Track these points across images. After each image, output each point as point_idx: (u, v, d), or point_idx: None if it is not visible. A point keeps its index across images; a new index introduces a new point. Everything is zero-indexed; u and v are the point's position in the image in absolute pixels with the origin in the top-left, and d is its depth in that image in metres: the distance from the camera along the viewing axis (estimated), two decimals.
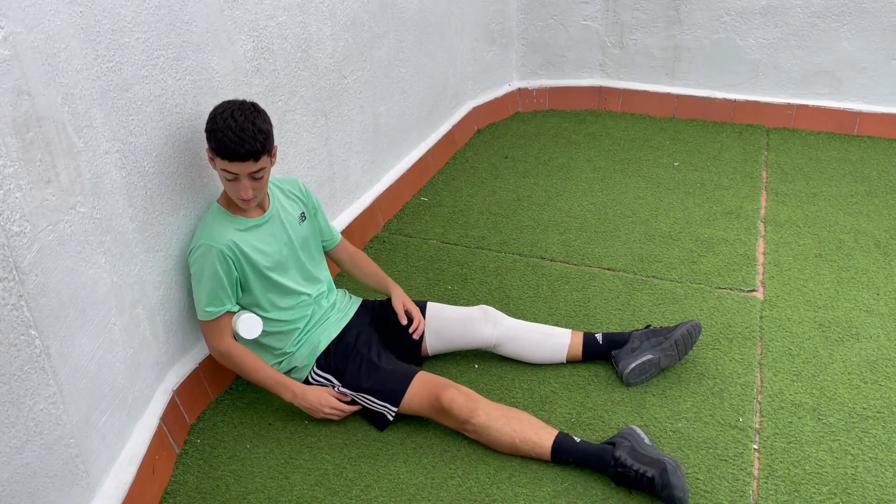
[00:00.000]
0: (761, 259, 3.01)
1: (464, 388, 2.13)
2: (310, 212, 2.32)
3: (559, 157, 3.98)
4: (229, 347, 2.14)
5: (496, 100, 4.49)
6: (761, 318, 2.65)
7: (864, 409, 2.24)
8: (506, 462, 2.07)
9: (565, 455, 2.03)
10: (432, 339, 2.40)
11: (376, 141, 3.28)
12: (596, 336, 2.42)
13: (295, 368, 2.26)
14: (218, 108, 1.98)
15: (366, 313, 2.42)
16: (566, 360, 2.42)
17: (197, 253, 2.06)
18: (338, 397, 2.20)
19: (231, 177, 1.99)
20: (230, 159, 1.94)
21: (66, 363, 1.64)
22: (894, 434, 2.15)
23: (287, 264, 2.20)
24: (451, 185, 3.71)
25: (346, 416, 2.21)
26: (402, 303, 2.40)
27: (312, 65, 2.70)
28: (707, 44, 4.26)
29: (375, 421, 2.20)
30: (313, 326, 2.27)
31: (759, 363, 2.44)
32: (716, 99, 4.36)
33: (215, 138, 1.94)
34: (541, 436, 2.04)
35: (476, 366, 2.45)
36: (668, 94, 4.44)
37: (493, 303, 2.75)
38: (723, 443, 2.12)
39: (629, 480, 1.94)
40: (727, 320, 2.63)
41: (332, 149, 2.93)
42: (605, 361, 2.43)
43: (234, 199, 2.06)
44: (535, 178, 3.75)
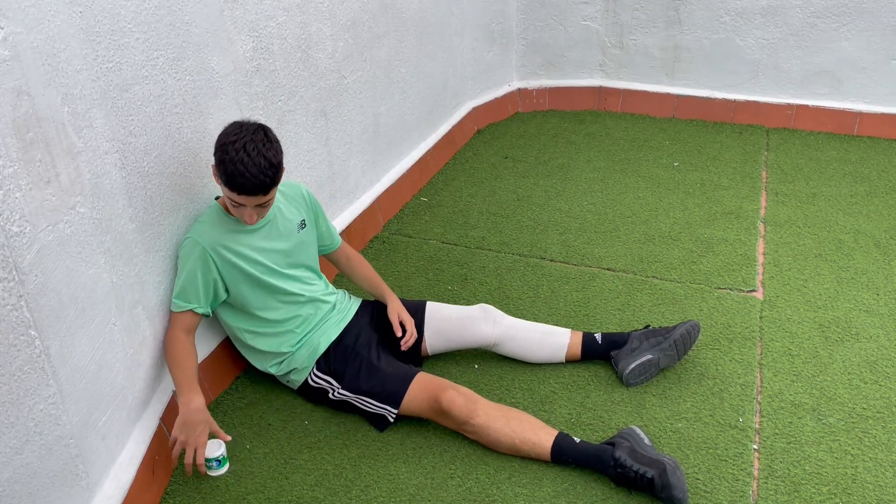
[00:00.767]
0: (761, 259, 3.01)
1: (463, 389, 2.13)
2: (310, 218, 2.31)
3: (559, 157, 3.98)
4: (171, 339, 2.06)
5: (496, 100, 4.49)
6: (761, 318, 2.65)
7: (864, 409, 2.24)
8: (506, 462, 2.07)
9: (565, 455, 2.03)
10: (432, 338, 2.40)
11: (376, 141, 3.28)
12: (595, 336, 2.42)
13: (294, 370, 2.26)
14: (230, 136, 1.91)
15: (365, 314, 2.42)
16: (565, 359, 2.42)
17: (185, 245, 2.07)
18: (199, 462, 1.89)
19: (236, 204, 1.98)
20: (238, 192, 1.92)
21: (65, 363, 1.64)
22: (894, 434, 2.15)
23: (281, 267, 2.20)
24: (451, 185, 3.71)
25: (186, 463, 1.91)
26: (397, 313, 2.39)
27: (312, 65, 2.70)
28: (707, 44, 4.25)
29: (375, 422, 2.20)
30: (313, 328, 2.27)
31: (759, 363, 2.44)
32: (716, 99, 4.36)
33: (225, 170, 1.90)
34: (541, 436, 2.04)
35: (476, 366, 2.45)
36: (668, 95, 4.44)
37: (493, 303, 2.75)
38: (723, 443, 2.12)
39: (629, 481, 1.94)
40: (727, 320, 2.63)
41: (332, 149, 2.93)
42: (604, 361, 2.43)
43: (237, 219, 2.06)
44: (535, 178, 3.75)
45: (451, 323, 2.40)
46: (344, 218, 3.06)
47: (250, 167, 1.88)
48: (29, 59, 1.51)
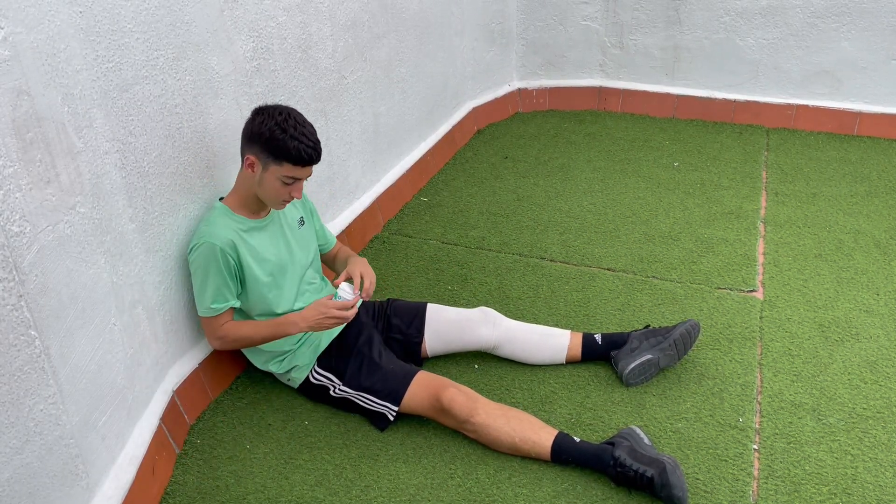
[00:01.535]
0: (761, 259, 3.01)
1: (464, 388, 2.13)
2: (307, 217, 2.34)
3: (559, 157, 3.98)
4: (226, 330, 2.15)
5: (496, 100, 4.49)
6: (761, 318, 2.65)
7: (864, 409, 2.24)
8: (506, 462, 2.07)
9: (565, 455, 2.03)
10: (432, 340, 2.40)
11: (376, 141, 3.29)
12: (595, 337, 2.42)
13: (296, 367, 2.26)
14: (274, 118, 1.97)
15: (366, 313, 2.42)
16: (565, 360, 2.42)
17: (199, 250, 2.06)
18: (333, 305, 2.11)
19: (291, 181, 2.02)
20: (303, 165, 1.99)
21: (65, 363, 1.64)
22: (894, 434, 2.15)
23: (286, 267, 2.21)
24: (451, 185, 3.71)
25: (351, 317, 2.13)
26: (359, 271, 2.29)
27: (312, 65, 2.70)
28: (707, 44, 4.26)
29: (376, 421, 2.20)
30: None
31: (759, 363, 2.44)
32: (716, 99, 4.36)
33: (285, 147, 1.95)
34: (541, 435, 2.04)
35: (476, 366, 2.45)
36: (668, 95, 4.44)
37: (493, 303, 2.75)
38: (723, 443, 2.12)
39: (629, 480, 1.94)
40: (727, 320, 2.63)
41: (332, 149, 2.93)
42: (604, 362, 2.43)
43: (277, 202, 2.08)
44: (535, 178, 3.75)
45: (450, 325, 2.40)
46: (344, 218, 3.06)
47: (310, 136, 1.99)
48: (29, 59, 1.51)
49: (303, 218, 2.30)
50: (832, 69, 4.10)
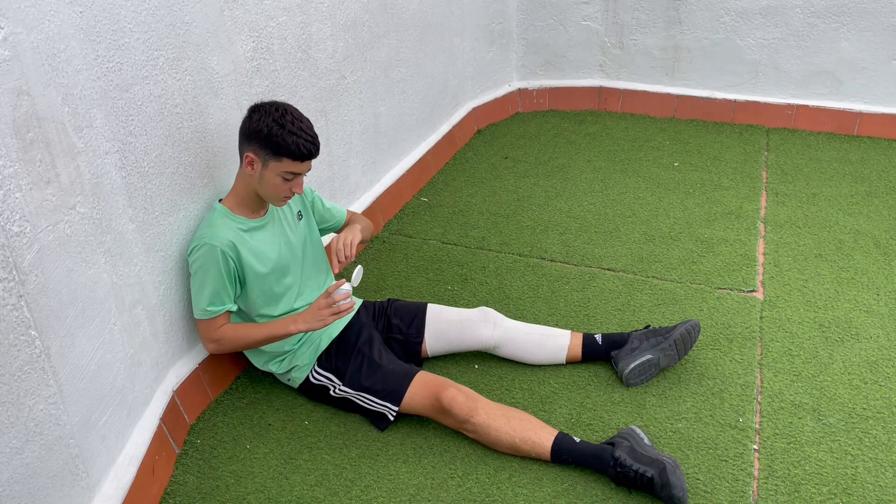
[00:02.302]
0: (761, 259, 3.01)
1: (464, 388, 2.13)
2: (306, 209, 2.32)
3: (559, 157, 3.98)
4: (222, 333, 2.14)
5: (496, 100, 4.49)
6: (761, 318, 2.65)
7: (864, 409, 2.24)
8: (506, 462, 2.07)
9: (565, 455, 2.03)
10: (432, 340, 2.40)
11: (376, 141, 3.29)
12: (595, 337, 2.42)
13: (296, 367, 2.26)
14: (271, 115, 1.97)
15: (367, 313, 2.42)
16: (566, 361, 2.42)
17: (199, 252, 2.06)
18: (330, 300, 2.07)
19: (291, 177, 2.03)
20: (303, 159, 2.00)
21: (66, 363, 1.64)
22: (894, 434, 2.15)
23: (287, 265, 2.21)
24: (451, 185, 3.71)
25: (348, 307, 2.09)
26: (335, 246, 2.20)
27: (312, 65, 2.70)
28: (707, 44, 4.26)
29: (376, 421, 2.20)
30: None
31: (759, 363, 2.44)
32: (716, 99, 4.36)
33: (284, 142, 1.96)
34: (541, 435, 2.04)
35: (476, 366, 2.45)
36: (668, 95, 4.44)
37: (493, 303, 2.75)
38: (723, 443, 2.12)
39: (629, 480, 1.94)
40: (727, 320, 2.63)
41: (332, 149, 2.93)
42: (604, 362, 2.43)
43: (278, 199, 2.08)
44: (535, 178, 3.75)
45: (451, 325, 2.40)
46: None
47: (308, 130, 2.00)
48: (29, 59, 1.51)
49: (300, 212, 2.30)
50: (832, 69, 4.10)
